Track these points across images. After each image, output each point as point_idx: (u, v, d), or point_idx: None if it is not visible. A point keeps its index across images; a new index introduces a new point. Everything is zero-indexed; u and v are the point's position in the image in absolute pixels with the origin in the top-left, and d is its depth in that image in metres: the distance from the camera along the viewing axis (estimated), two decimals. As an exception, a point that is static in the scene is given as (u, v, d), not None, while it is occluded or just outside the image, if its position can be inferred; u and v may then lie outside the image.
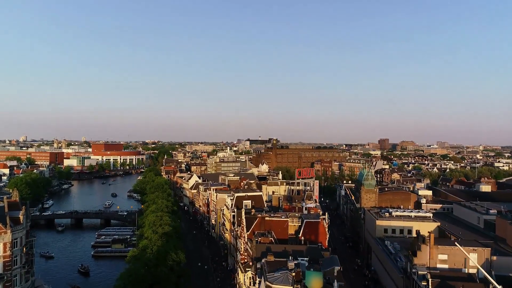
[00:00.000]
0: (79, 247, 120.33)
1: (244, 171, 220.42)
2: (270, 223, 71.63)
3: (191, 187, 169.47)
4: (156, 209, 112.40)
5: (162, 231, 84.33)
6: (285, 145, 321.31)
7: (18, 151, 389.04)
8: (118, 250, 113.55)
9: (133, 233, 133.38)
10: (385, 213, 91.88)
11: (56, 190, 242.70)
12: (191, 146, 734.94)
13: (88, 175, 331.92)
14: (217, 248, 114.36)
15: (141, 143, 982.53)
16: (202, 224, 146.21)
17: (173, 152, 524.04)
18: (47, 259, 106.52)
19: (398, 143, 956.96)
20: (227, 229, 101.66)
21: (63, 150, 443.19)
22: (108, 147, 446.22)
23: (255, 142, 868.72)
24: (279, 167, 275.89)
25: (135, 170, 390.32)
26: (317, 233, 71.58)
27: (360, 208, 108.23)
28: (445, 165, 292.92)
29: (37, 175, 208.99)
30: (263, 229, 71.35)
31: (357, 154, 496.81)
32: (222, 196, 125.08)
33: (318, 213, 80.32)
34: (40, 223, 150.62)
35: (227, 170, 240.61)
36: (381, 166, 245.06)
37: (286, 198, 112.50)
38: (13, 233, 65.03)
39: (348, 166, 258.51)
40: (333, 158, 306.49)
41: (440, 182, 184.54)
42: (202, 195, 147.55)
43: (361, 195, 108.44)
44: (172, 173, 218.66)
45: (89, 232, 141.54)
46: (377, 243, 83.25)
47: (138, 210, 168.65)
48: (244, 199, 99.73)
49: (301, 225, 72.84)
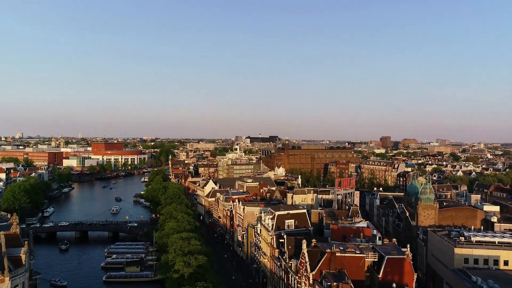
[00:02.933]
0: (88, 269, 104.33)
1: (260, 175, 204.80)
2: (341, 260, 56.22)
3: (207, 195, 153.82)
4: (178, 227, 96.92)
5: (195, 263, 68.63)
6: (297, 145, 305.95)
7: (15, 151, 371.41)
8: (134, 274, 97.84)
9: (147, 250, 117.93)
10: (459, 237, 76.52)
11: (56, 195, 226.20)
12: (191, 144, 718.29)
13: (89, 176, 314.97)
14: (248, 272, 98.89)
15: (139, 140, 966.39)
16: (222, 238, 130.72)
17: (174, 151, 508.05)
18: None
19: (400, 141, 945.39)
20: (265, 253, 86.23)
21: (61, 149, 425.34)
22: (108, 146, 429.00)
23: (256, 140, 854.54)
24: (293, 169, 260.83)
25: (137, 171, 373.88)
26: (401, 273, 56.28)
27: (417, 227, 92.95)
28: (465, 166, 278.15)
29: (36, 179, 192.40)
30: (333, 268, 55.96)
31: (361, 153, 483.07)
32: (251, 209, 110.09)
33: (394, 243, 64.89)
34: (41, 236, 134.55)
35: (239, 173, 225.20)
36: (404, 168, 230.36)
37: (328, 214, 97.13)
38: (12, 279, 49.33)
39: (368, 168, 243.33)
40: (346, 159, 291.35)
41: (476, 188, 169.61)
42: (223, 205, 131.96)
43: (417, 211, 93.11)
44: (182, 177, 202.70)
45: (97, 248, 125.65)
46: (459, 277, 67.86)
47: (149, 220, 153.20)
48: (287, 218, 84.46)
49: (379, 261, 57.46)
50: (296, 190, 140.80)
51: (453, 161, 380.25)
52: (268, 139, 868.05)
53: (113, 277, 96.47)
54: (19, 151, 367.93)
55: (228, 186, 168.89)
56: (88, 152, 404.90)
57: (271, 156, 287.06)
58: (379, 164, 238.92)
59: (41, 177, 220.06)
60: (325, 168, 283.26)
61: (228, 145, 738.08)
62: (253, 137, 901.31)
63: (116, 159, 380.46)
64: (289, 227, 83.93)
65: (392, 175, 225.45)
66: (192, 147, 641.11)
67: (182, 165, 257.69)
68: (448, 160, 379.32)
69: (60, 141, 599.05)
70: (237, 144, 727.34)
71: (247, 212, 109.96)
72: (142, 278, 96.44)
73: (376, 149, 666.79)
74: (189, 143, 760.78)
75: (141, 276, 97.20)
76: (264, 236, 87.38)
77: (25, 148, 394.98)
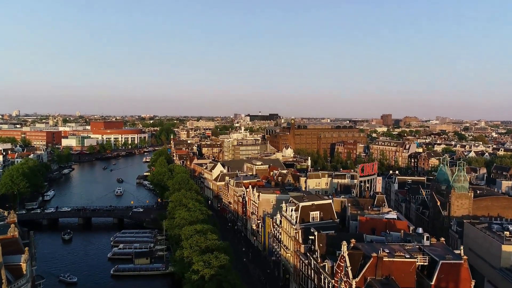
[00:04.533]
0: (94, 261, 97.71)
1: (267, 156, 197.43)
2: (389, 265, 49.15)
3: (215, 179, 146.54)
4: (190, 217, 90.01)
5: (217, 263, 61.66)
6: (302, 125, 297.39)
7: (12, 130, 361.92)
8: (144, 267, 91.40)
9: (156, 239, 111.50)
10: (502, 231, 69.60)
11: (56, 176, 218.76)
12: (191, 122, 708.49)
13: (89, 156, 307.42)
14: (266, 264, 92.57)
15: (137, 117, 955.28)
16: (233, 225, 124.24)
17: (174, 129, 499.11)
18: (68, 286, 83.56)
19: (401, 119, 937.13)
20: (287, 246, 79.45)
21: (59, 128, 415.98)
22: (107, 125, 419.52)
23: (256, 118, 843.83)
24: (299, 149, 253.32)
25: (138, 150, 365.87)
26: (457, 280, 49.39)
27: (449, 218, 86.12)
28: (475, 146, 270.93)
29: (34, 161, 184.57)
30: (380, 275, 48.95)
31: (363, 132, 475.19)
32: (267, 197, 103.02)
33: (442, 243, 57.82)
34: (43, 223, 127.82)
35: (245, 154, 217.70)
36: (415, 149, 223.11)
37: (352, 203, 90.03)
38: (12, 293, 42.04)
39: (377, 149, 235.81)
40: (353, 139, 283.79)
41: (494, 171, 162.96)
42: (234, 191, 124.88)
43: (450, 200, 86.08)
44: (187, 158, 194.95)
45: (101, 236, 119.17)
46: (509, 277, 61.31)
47: (155, 205, 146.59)
48: (311, 210, 77.24)
49: (431, 266, 50.49)
50: (310, 174, 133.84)
51: (458, 140, 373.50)
52: (268, 117, 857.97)
53: (122, 270, 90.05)
54: (16, 131, 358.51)
55: (236, 168, 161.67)
56: (87, 131, 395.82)
57: (276, 135, 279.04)
58: (389, 144, 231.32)
59: (40, 158, 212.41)
60: (332, 148, 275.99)
61: (228, 123, 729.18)
62: (253, 115, 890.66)
63: (116, 138, 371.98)
64: (314, 219, 76.86)
65: (403, 156, 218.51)
66: (192, 126, 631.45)
67: (185, 145, 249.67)
68: (454, 139, 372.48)
69: (58, 120, 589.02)
70: (237, 123, 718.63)
71: (262, 200, 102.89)
72: (152, 271, 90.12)
73: (378, 127, 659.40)
74: (188, 121, 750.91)
75: (151, 269, 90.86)
76: (285, 228, 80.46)
77: (23, 128, 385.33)
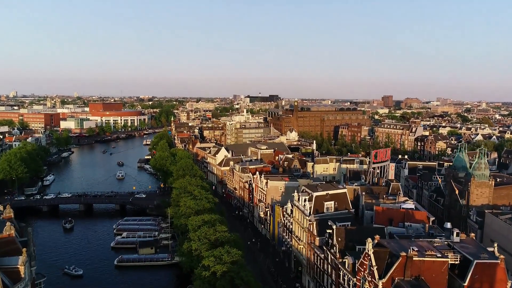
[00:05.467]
0: (97, 250, 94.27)
1: (271, 140, 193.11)
2: (419, 265, 45.29)
3: (220, 163, 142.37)
4: (197, 205, 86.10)
5: (229, 259, 57.88)
6: (306, 107, 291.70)
7: (9, 112, 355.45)
8: (149, 257, 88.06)
9: (160, 226, 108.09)
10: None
11: (56, 160, 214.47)
12: (191, 104, 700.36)
13: (88, 139, 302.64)
14: (275, 254, 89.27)
15: (135, 98, 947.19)
16: (240, 212, 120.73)
17: (174, 111, 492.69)
18: (73, 279, 79.91)
19: (402, 100, 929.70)
20: (299, 238, 75.79)
21: (58, 110, 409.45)
22: (106, 106, 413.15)
23: (256, 99, 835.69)
24: (302, 132, 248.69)
25: (138, 133, 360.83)
26: (492, 281, 45.67)
27: (467, 207, 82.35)
28: (481, 129, 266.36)
29: (33, 145, 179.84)
30: (409, 275, 45.15)
31: (365, 113, 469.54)
32: (275, 184, 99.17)
33: (472, 238, 53.95)
34: (43, 210, 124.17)
35: (249, 137, 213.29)
36: (422, 132, 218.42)
37: (365, 191, 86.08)
38: (10, 300, 38.12)
39: (383, 132, 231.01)
40: (357, 121, 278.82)
41: (505, 155, 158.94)
42: (239, 176, 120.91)
43: (469, 188, 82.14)
44: (190, 142, 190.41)
45: (103, 223, 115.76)
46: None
47: (158, 191, 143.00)
48: (326, 200, 73.25)
49: (463, 265, 46.66)
50: (317, 159, 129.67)
51: (462, 122, 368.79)
52: (268, 98, 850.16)
53: (126, 260, 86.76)
54: (13, 113, 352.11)
55: (240, 153, 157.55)
56: (85, 113, 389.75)
57: (279, 118, 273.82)
58: (395, 127, 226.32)
59: (38, 142, 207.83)
60: (335, 131, 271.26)
61: (228, 105, 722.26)
62: (253, 96, 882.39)
63: (115, 120, 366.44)
64: (328, 209, 72.97)
65: (409, 139, 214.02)
66: (192, 107, 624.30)
67: (186, 128, 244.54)
68: (458, 122, 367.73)
69: (56, 101, 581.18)
70: (237, 104, 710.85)
71: (271, 187, 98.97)
72: (157, 261, 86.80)
73: (380, 109, 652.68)
74: (188, 103, 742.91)
75: (157, 259, 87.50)
76: (297, 219, 76.65)
77: (20, 109, 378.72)
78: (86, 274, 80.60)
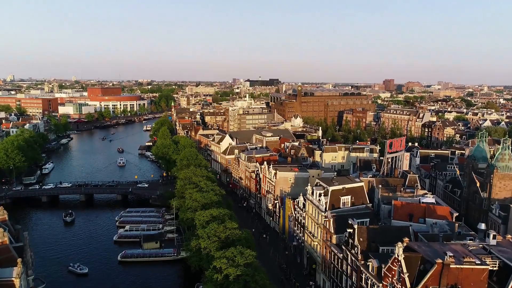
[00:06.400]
0: (100, 245, 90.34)
1: (275, 126, 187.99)
2: (457, 273, 41.13)
3: (224, 152, 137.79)
4: (203, 198, 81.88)
5: (242, 261, 53.76)
6: (309, 91, 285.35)
7: (6, 97, 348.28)
8: (153, 252, 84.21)
9: (164, 218, 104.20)
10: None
11: (54, 147, 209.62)
12: (190, 88, 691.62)
13: (87, 124, 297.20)
14: (285, 248, 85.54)
15: (134, 82, 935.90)
16: (246, 203, 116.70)
17: (174, 95, 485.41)
18: (78, 277, 75.95)
19: (403, 84, 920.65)
20: (313, 234, 71.76)
21: (56, 94, 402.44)
22: (105, 91, 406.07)
23: (256, 83, 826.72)
24: (306, 117, 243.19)
25: (137, 118, 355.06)
26: (536, 290, 41.46)
27: (489, 200, 78.15)
28: (488, 114, 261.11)
29: (30, 132, 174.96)
30: (445, 284, 41.03)
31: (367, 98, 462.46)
32: (284, 175, 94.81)
33: (509, 240, 49.69)
34: (42, 200, 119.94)
35: (252, 123, 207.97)
36: (429, 118, 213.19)
37: (380, 183, 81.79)
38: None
39: (389, 117, 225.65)
40: (361, 106, 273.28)
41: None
42: (246, 166, 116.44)
43: (491, 181, 77.78)
44: (192, 129, 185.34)
45: (105, 214, 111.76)
46: None
47: (161, 180, 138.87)
48: (342, 194, 68.81)
49: (502, 272, 42.55)
50: (326, 148, 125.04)
51: (467, 107, 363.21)
52: (268, 82, 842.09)
53: (130, 256, 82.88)
54: (10, 98, 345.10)
55: (245, 140, 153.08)
56: (84, 98, 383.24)
57: (282, 103, 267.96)
58: (401, 113, 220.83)
59: (36, 128, 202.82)
60: (339, 116, 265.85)
61: (228, 89, 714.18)
62: (253, 80, 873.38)
63: (115, 106, 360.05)
64: (345, 204, 68.65)
65: (416, 125, 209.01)
66: (192, 91, 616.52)
67: (187, 113, 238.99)
68: (462, 106, 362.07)
69: (54, 85, 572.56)
70: (237, 88, 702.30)
71: (280, 178, 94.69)
72: (162, 257, 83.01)
73: (382, 93, 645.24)
74: (187, 87, 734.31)
75: (162, 254, 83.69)
76: (311, 214, 72.48)
77: (17, 94, 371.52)
78: (91, 271, 76.72)
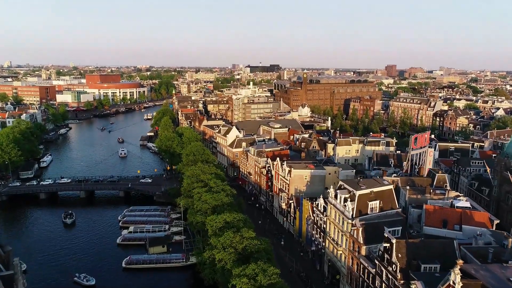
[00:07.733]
0: (103, 249, 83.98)
1: (282, 116, 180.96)
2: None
3: (231, 144, 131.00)
4: (214, 200, 75.48)
5: (266, 281, 47.46)
6: (315, 79, 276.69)
7: (3, 85, 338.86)
8: (160, 258, 78.06)
9: (170, 218, 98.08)
10: None
11: (53, 138, 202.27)
12: (190, 75, 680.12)
13: (86, 113, 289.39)
14: (302, 252, 79.54)
15: (133, 68, 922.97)
16: (256, 199, 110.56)
17: (174, 82, 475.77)
18: None
19: (406, 70, 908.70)
20: (336, 241, 65.51)
21: (53, 82, 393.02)
22: (104, 78, 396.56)
23: (256, 69, 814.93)
24: (312, 106, 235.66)
25: (137, 106, 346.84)
26: None
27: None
28: (499, 102, 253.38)
29: (27, 123, 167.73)
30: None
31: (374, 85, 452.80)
32: (299, 173, 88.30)
33: None
34: (40, 197, 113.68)
35: (257, 113, 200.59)
36: (441, 107, 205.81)
37: (406, 183, 75.40)
38: None
39: (398, 106, 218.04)
40: (368, 94, 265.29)
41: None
42: (255, 161, 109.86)
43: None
44: (196, 119, 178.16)
45: (107, 213, 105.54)
46: None
47: (165, 174, 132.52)
48: (370, 199, 62.26)
49: None
50: (339, 141, 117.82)
51: (474, 93, 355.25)
52: (269, 68, 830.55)
53: (135, 262, 76.80)
54: (7, 85, 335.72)
55: (251, 131, 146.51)
56: (82, 85, 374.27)
57: (286, 91, 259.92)
58: (411, 101, 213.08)
59: (33, 118, 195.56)
60: (346, 105, 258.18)
61: (228, 75, 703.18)
62: (253, 66, 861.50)
63: (114, 93, 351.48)
64: (373, 210, 62.18)
65: (427, 115, 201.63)
66: (192, 78, 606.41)
67: (190, 102, 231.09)
68: (469, 93, 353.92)
69: (51, 72, 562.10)
70: (238, 74, 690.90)
71: (294, 176, 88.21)
72: (170, 263, 76.95)
73: (385, 79, 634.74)
74: (187, 73, 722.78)
75: (169, 260, 77.59)
76: (334, 219, 66.12)
77: (14, 82, 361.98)
78: (97, 282, 70.50)
